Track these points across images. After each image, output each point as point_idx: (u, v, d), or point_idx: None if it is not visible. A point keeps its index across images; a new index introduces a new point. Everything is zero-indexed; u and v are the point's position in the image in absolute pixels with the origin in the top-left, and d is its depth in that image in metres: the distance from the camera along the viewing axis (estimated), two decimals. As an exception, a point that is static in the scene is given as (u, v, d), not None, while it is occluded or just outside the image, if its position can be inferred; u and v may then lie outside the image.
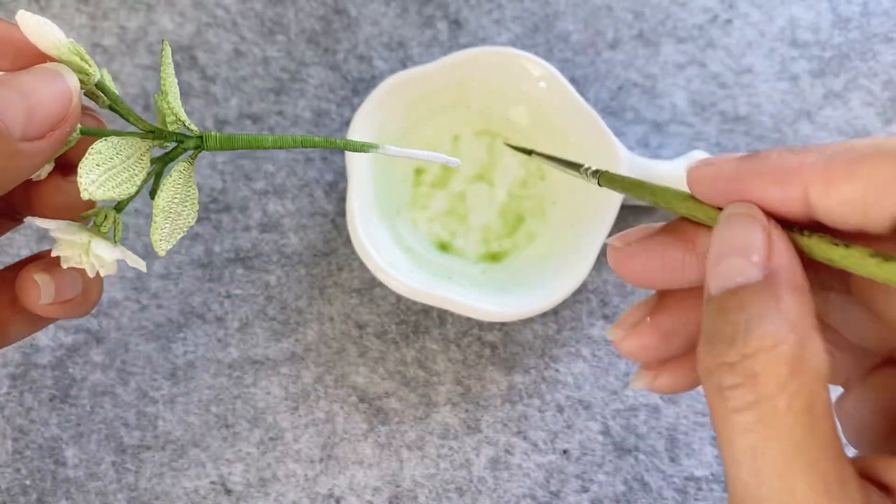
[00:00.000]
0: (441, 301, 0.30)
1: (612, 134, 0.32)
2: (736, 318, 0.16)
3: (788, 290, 0.16)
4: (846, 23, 0.37)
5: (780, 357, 0.15)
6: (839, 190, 0.16)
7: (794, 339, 0.15)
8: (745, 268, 0.16)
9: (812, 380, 0.15)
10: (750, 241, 0.16)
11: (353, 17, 0.36)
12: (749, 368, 0.15)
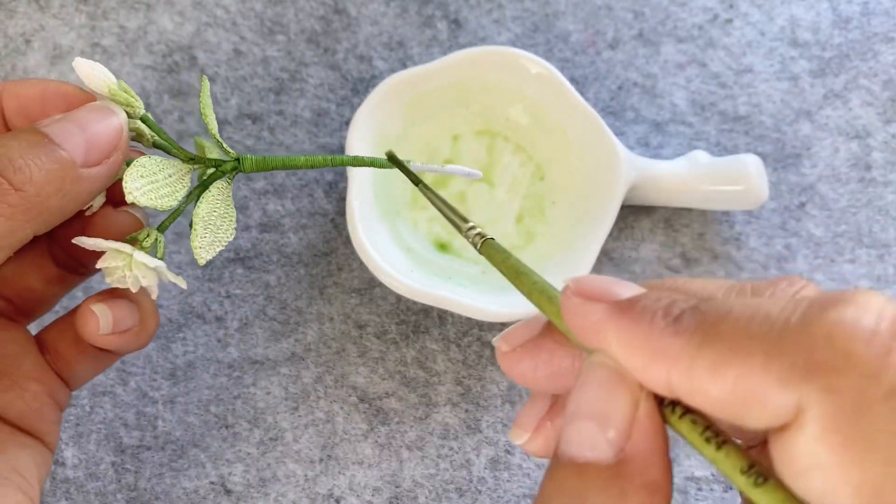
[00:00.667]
0: (441, 301, 0.30)
1: (612, 134, 0.32)
2: (578, 494, 0.14)
3: (639, 487, 0.14)
4: (846, 22, 0.37)
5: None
6: (704, 390, 0.14)
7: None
8: (596, 440, 0.14)
9: None
10: (611, 410, 0.15)
11: (352, 17, 0.36)
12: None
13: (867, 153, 0.35)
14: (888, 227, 0.34)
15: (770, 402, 0.13)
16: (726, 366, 0.13)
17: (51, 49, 0.35)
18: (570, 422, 0.15)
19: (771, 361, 0.13)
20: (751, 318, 0.14)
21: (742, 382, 0.13)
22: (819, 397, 0.12)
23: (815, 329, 0.13)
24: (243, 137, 0.35)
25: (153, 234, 0.23)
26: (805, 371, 0.13)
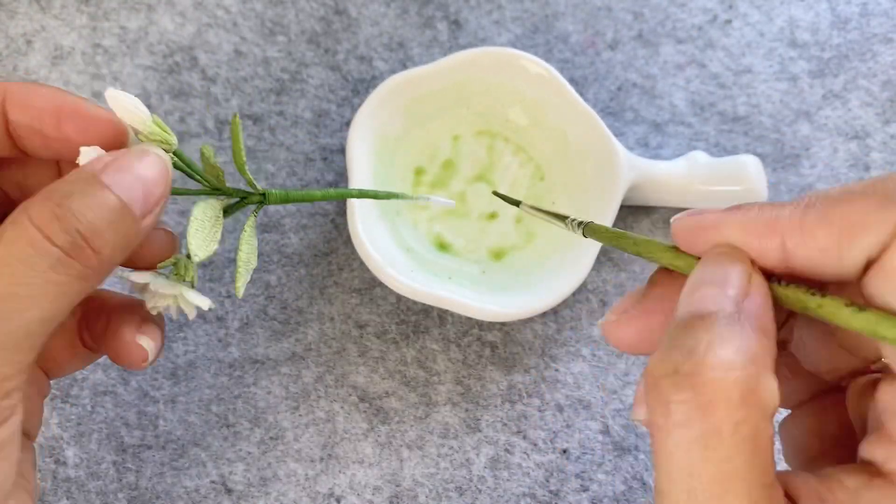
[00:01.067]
0: (441, 301, 0.30)
1: (611, 134, 0.32)
2: (700, 335, 0.16)
3: (755, 328, 0.16)
4: (845, 23, 0.37)
5: (735, 383, 0.15)
6: (814, 237, 0.16)
7: (750, 371, 0.15)
8: (719, 298, 0.16)
9: (760, 413, 0.15)
10: (729, 277, 0.17)
11: (353, 18, 0.37)
12: (701, 385, 0.15)
13: (866, 153, 0.35)
14: (887, 228, 0.35)
15: (872, 224, 0.15)
16: (832, 210, 0.16)
17: (52, 50, 0.36)
18: (692, 291, 0.17)
19: (870, 195, 0.16)
20: (844, 186, 0.16)
21: (847, 219, 0.16)
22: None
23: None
24: (244, 138, 0.35)
25: (189, 265, 0.24)
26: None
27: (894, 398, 0.16)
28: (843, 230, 0.16)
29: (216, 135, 0.35)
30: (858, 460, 0.17)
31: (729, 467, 0.15)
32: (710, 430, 0.15)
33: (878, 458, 0.16)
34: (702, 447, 0.15)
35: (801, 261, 0.17)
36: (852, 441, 0.18)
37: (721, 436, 0.15)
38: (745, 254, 0.17)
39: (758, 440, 0.15)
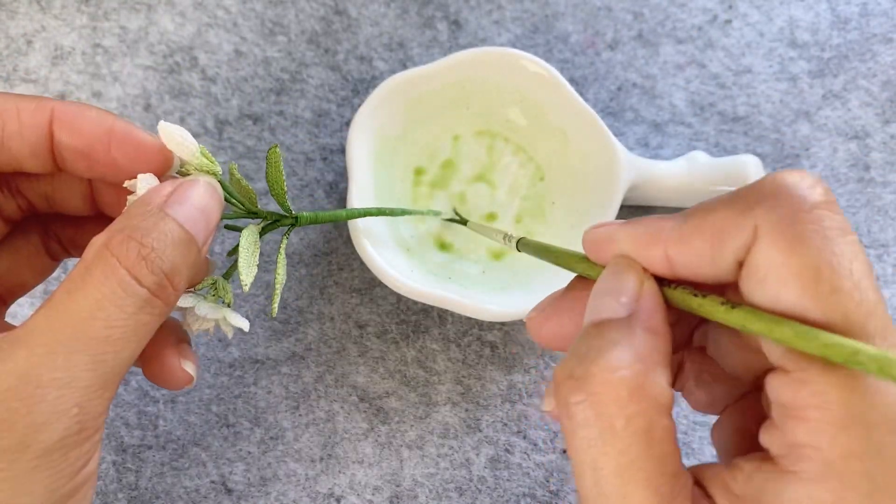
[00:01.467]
0: (441, 301, 0.30)
1: (611, 134, 0.32)
2: (592, 343, 0.18)
3: (644, 329, 0.18)
4: (845, 23, 0.37)
5: (622, 381, 0.17)
6: (691, 245, 0.18)
7: (637, 369, 0.17)
8: (612, 305, 0.18)
9: (651, 407, 0.17)
10: (623, 285, 0.19)
11: (353, 18, 0.37)
12: (592, 386, 0.17)
13: (866, 153, 0.35)
14: (887, 227, 0.35)
15: (735, 229, 0.17)
16: (704, 220, 0.18)
17: (52, 50, 0.36)
18: (592, 300, 0.19)
19: (733, 204, 0.17)
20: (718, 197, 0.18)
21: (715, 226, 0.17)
22: (767, 215, 0.17)
23: (764, 181, 0.18)
24: (244, 138, 0.35)
25: (227, 286, 0.25)
26: (756, 201, 0.17)
27: (775, 390, 0.17)
28: (713, 237, 0.17)
29: (216, 135, 0.35)
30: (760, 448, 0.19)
31: (626, 460, 0.17)
32: (605, 427, 0.17)
33: (767, 445, 0.18)
34: (600, 443, 0.17)
35: (684, 267, 0.18)
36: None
37: (615, 431, 0.17)
38: (637, 263, 0.19)
39: (652, 432, 0.17)
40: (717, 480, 0.18)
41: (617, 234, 0.20)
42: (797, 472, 0.16)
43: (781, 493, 0.16)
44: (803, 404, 0.16)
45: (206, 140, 0.35)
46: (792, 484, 0.16)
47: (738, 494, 0.18)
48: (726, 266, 0.18)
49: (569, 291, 0.22)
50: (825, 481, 0.16)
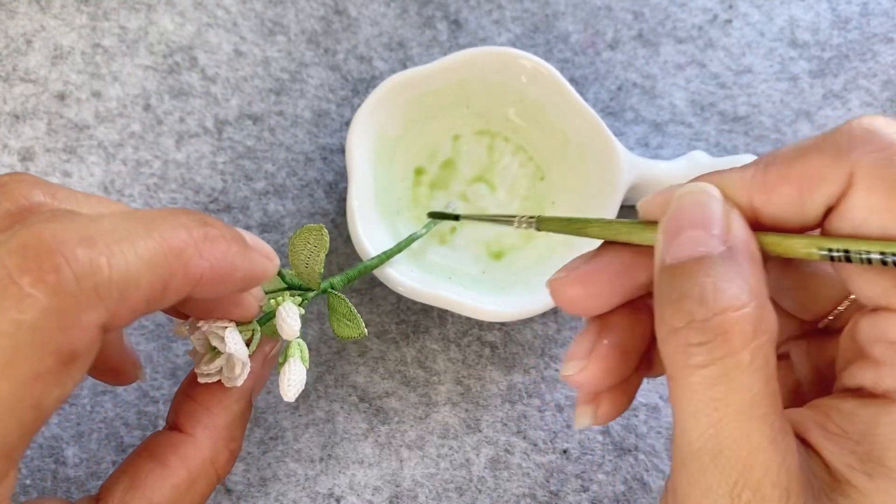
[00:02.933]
0: (441, 301, 0.30)
1: (611, 134, 0.32)
2: (703, 280, 0.17)
3: (747, 260, 0.18)
4: (845, 23, 0.37)
5: (747, 317, 0.17)
6: (778, 194, 0.18)
7: (756, 304, 0.17)
8: (706, 239, 0.18)
9: (768, 340, 0.17)
10: (709, 215, 0.18)
11: (353, 18, 0.37)
12: (719, 326, 0.17)
13: (866, 153, 0.35)
14: (887, 228, 0.35)
15: (829, 175, 0.17)
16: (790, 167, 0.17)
17: (52, 49, 0.36)
18: (674, 236, 0.18)
19: (824, 150, 0.17)
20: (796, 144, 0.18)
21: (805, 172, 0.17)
22: (864, 158, 0.16)
23: (851, 125, 0.17)
24: (244, 138, 0.35)
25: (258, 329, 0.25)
26: (850, 146, 0.17)
27: (876, 328, 0.17)
28: (802, 185, 0.17)
29: (216, 135, 0.35)
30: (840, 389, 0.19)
31: (749, 396, 0.17)
32: (731, 365, 0.17)
33: (867, 382, 0.18)
34: (725, 381, 0.17)
35: (769, 215, 0.18)
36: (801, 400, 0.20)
37: (741, 367, 0.17)
38: (716, 189, 0.19)
39: (769, 367, 0.17)
40: (809, 423, 0.18)
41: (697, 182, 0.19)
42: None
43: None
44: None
45: (205, 140, 0.35)
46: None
47: (838, 432, 0.18)
48: (814, 212, 0.17)
49: (601, 255, 0.21)
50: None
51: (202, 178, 0.34)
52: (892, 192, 0.16)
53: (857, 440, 0.17)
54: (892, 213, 0.16)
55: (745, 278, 0.17)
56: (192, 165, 0.34)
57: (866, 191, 0.17)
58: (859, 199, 0.17)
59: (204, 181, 0.34)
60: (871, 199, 0.17)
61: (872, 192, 0.16)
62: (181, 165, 0.34)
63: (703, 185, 0.19)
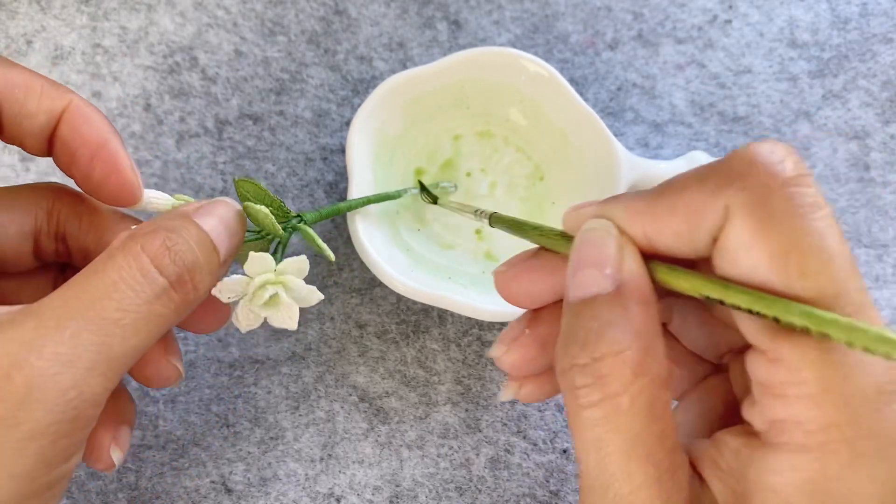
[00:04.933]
0: (441, 301, 0.30)
1: (611, 134, 0.32)
2: (588, 324, 0.18)
3: (635, 301, 0.18)
4: (845, 23, 0.37)
5: (625, 361, 0.17)
6: (667, 225, 0.18)
7: (637, 346, 0.17)
8: (598, 279, 0.18)
9: (652, 382, 0.17)
10: (604, 254, 0.18)
11: (353, 18, 0.37)
12: (598, 370, 0.17)
13: (866, 153, 0.35)
14: (887, 227, 0.35)
15: (708, 209, 0.17)
16: (678, 198, 0.18)
17: (52, 50, 0.36)
18: (574, 273, 0.19)
19: (704, 182, 0.17)
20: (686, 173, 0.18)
21: (689, 205, 0.17)
22: (738, 195, 0.17)
23: (734, 157, 0.17)
24: (244, 138, 0.35)
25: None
26: (727, 180, 0.17)
27: (753, 368, 0.18)
28: (687, 217, 0.18)
29: (216, 135, 0.35)
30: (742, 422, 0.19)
31: (629, 436, 0.17)
32: (610, 407, 0.17)
33: (750, 419, 0.18)
34: (605, 422, 0.17)
35: (663, 244, 0.18)
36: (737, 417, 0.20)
37: (621, 410, 0.17)
38: (612, 226, 0.19)
39: (654, 408, 0.17)
40: (705, 458, 0.19)
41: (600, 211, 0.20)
42: (780, 444, 0.17)
43: (767, 465, 0.17)
44: (780, 381, 0.17)
45: (206, 140, 0.35)
46: (776, 455, 0.17)
47: (725, 469, 0.18)
48: (702, 243, 0.18)
49: (541, 253, 0.22)
50: (808, 452, 0.16)
51: (202, 178, 0.34)
52: (758, 231, 0.16)
53: (737, 478, 0.18)
54: (760, 251, 0.16)
55: (630, 321, 0.18)
56: (192, 165, 0.34)
57: (738, 227, 0.17)
58: (732, 235, 0.17)
59: (204, 181, 0.34)
60: (741, 236, 0.17)
61: (742, 230, 0.17)
62: (181, 165, 0.34)
63: (601, 222, 0.19)
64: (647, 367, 0.17)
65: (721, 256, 0.17)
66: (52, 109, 0.23)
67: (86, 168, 0.23)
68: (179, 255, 0.21)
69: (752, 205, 0.17)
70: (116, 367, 0.20)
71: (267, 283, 0.23)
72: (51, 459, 0.19)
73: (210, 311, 0.25)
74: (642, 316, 0.18)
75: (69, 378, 0.18)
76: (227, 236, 0.23)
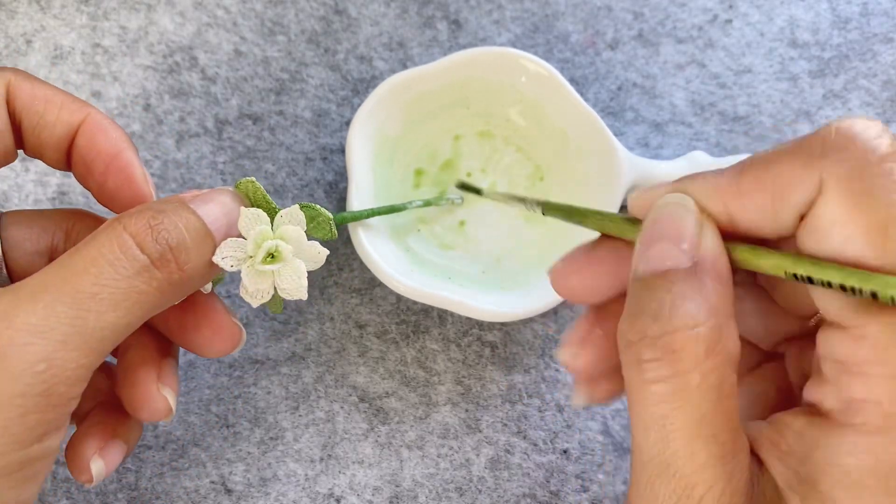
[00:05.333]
0: (441, 301, 0.30)
1: (611, 134, 0.32)
2: (662, 296, 0.17)
3: (712, 278, 0.17)
4: (846, 23, 0.37)
5: (699, 337, 0.17)
6: (752, 200, 0.18)
7: (712, 323, 0.17)
8: (674, 253, 0.18)
9: (724, 362, 0.17)
10: (681, 228, 0.18)
11: (353, 18, 0.36)
12: (669, 344, 0.17)
13: (866, 153, 0.35)
14: (887, 228, 0.34)
15: (799, 183, 0.16)
16: (764, 173, 0.17)
17: (52, 49, 0.35)
18: (647, 247, 0.18)
19: (796, 155, 0.17)
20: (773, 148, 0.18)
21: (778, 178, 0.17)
22: (833, 168, 0.16)
23: (829, 130, 0.17)
24: (244, 138, 0.35)
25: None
26: (821, 153, 0.16)
27: (827, 344, 0.17)
28: (774, 191, 0.17)
29: (216, 135, 0.35)
30: (803, 404, 0.19)
31: (697, 415, 0.17)
32: (680, 384, 0.17)
33: (817, 400, 0.18)
34: (673, 399, 0.17)
35: (745, 222, 0.18)
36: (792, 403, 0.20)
37: (690, 387, 0.17)
38: (692, 202, 0.18)
39: (723, 388, 0.17)
40: (763, 439, 0.18)
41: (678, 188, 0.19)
42: (856, 424, 0.16)
43: (840, 446, 0.16)
44: (862, 359, 0.16)
45: (205, 140, 0.35)
46: (850, 437, 0.16)
47: (787, 451, 0.18)
48: (788, 220, 0.17)
49: (599, 245, 0.21)
50: (885, 434, 0.16)
51: (202, 177, 0.34)
52: (855, 205, 0.16)
53: (801, 460, 0.17)
54: (853, 226, 0.16)
55: (706, 296, 0.17)
56: (192, 165, 0.34)
57: (832, 201, 0.16)
58: (825, 209, 0.16)
59: (204, 181, 0.34)
60: (835, 210, 0.16)
61: (837, 204, 0.16)
62: (181, 165, 0.34)
63: (680, 197, 0.19)
64: (721, 346, 0.17)
65: (810, 232, 0.17)
66: (71, 121, 0.23)
67: (100, 178, 0.23)
68: (163, 234, 0.20)
69: (848, 178, 0.16)
70: (93, 343, 0.19)
71: (265, 237, 0.23)
72: (19, 435, 0.18)
73: (218, 330, 0.24)
74: (719, 294, 0.17)
75: (40, 349, 0.18)
76: (226, 223, 0.22)
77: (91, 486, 0.24)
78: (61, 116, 0.23)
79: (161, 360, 0.24)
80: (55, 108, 0.23)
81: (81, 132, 0.23)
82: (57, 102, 0.23)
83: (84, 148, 0.23)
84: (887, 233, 0.16)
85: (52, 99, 0.23)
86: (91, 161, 0.23)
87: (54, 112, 0.23)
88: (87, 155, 0.23)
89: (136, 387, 0.23)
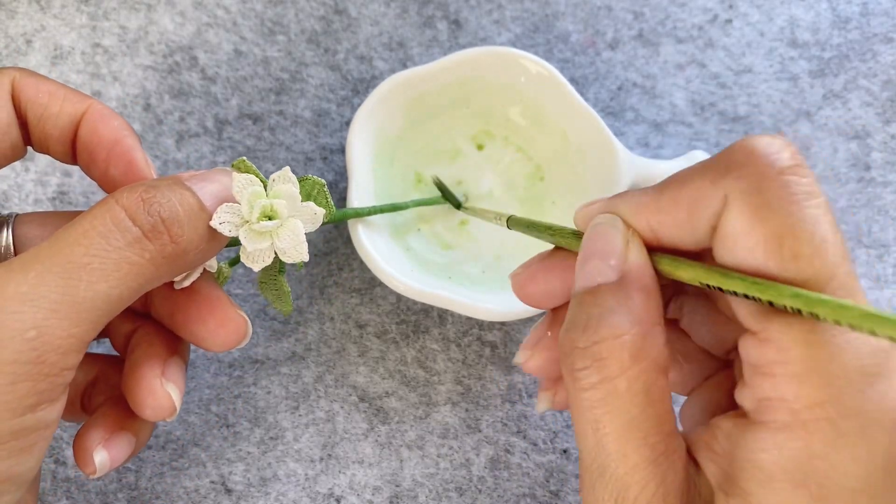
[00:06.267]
0: (441, 301, 0.30)
1: (611, 134, 0.32)
2: (591, 310, 0.19)
3: (638, 290, 0.19)
4: (846, 23, 0.37)
5: (624, 345, 0.18)
6: (670, 215, 0.19)
7: (636, 332, 0.18)
8: (603, 270, 0.19)
9: (650, 367, 0.18)
10: (610, 246, 0.19)
11: (353, 18, 0.36)
12: (597, 353, 0.18)
13: (866, 153, 0.35)
14: (887, 227, 0.35)
15: (708, 198, 0.18)
16: (680, 190, 0.19)
17: (52, 49, 0.35)
18: (581, 265, 0.20)
19: (705, 173, 0.18)
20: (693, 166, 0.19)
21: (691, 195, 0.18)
22: (735, 183, 0.17)
23: (734, 148, 0.18)
24: (244, 138, 0.35)
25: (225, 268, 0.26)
26: (726, 169, 0.18)
27: (745, 350, 0.18)
28: (689, 207, 0.18)
29: (216, 134, 0.35)
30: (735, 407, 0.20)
31: (626, 419, 0.18)
32: (608, 390, 0.18)
33: (742, 402, 0.18)
34: (603, 404, 0.18)
35: (667, 236, 0.19)
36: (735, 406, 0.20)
37: (618, 392, 0.18)
38: (620, 220, 0.20)
39: (650, 392, 0.18)
40: (700, 442, 0.19)
41: (608, 207, 0.21)
42: (766, 422, 0.17)
43: (754, 443, 0.17)
44: (769, 361, 0.17)
45: (205, 140, 0.35)
46: (762, 433, 0.17)
47: (718, 451, 0.19)
48: (703, 233, 0.18)
49: (555, 253, 0.23)
50: (792, 430, 0.17)
51: (202, 177, 0.34)
52: (754, 217, 0.17)
53: (728, 459, 0.18)
54: (754, 237, 0.17)
55: (631, 307, 0.18)
56: (192, 165, 0.34)
57: (735, 215, 0.17)
58: (730, 222, 0.17)
59: (204, 181, 0.34)
60: (738, 222, 0.17)
61: (739, 217, 0.17)
62: (181, 165, 0.34)
63: (609, 217, 0.20)
64: (646, 353, 0.18)
65: (720, 244, 0.18)
66: (74, 112, 0.24)
67: (103, 166, 0.24)
68: (154, 207, 0.20)
69: (748, 192, 0.17)
70: (84, 312, 0.19)
71: (258, 197, 0.23)
72: (10, 403, 0.18)
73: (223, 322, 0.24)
74: (643, 304, 0.19)
75: (30, 317, 0.18)
76: (222, 199, 0.22)
77: (95, 477, 0.24)
78: (64, 108, 0.24)
79: (168, 357, 0.24)
80: (58, 101, 0.23)
81: (84, 122, 0.24)
82: (60, 95, 0.24)
83: (86, 137, 0.24)
84: (783, 242, 0.17)
85: (56, 92, 0.24)
86: (93, 149, 0.23)
87: (57, 104, 0.23)
88: (89, 144, 0.24)
89: (139, 382, 0.23)
